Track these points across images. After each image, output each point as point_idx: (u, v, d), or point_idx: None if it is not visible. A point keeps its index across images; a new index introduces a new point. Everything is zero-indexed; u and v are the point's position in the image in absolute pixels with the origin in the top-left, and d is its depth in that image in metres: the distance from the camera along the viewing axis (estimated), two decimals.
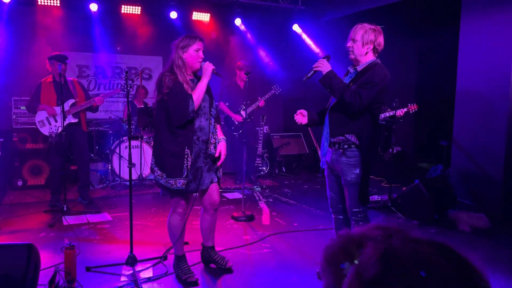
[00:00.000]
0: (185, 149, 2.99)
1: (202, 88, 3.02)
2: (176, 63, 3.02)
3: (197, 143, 3.04)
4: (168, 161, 3.00)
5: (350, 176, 3.01)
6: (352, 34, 3.05)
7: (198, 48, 3.04)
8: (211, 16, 7.54)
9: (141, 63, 7.84)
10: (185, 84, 2.99)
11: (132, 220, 3.44)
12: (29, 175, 6.12)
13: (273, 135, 7.95)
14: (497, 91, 4.77)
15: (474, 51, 5.03)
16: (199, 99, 2.98)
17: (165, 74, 3.02)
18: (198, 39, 3.06)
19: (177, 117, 2.94)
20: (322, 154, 3.24)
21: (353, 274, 0.58)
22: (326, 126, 3.16)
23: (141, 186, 6.34)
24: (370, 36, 2.99)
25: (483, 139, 4.94)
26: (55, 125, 5.15)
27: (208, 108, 3.12)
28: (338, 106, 3.07)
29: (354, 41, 3.03)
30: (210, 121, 3.13)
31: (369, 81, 2.92)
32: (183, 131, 2.99)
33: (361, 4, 6.51)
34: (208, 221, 3.34)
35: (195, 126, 3.03)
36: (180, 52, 3.02)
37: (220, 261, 3.40)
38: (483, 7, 4.91)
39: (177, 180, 2.99)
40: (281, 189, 6.49)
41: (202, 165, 3.08)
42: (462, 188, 5.14)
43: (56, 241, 4.05)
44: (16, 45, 6.70)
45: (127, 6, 6.95)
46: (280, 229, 4.55)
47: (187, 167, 3.00)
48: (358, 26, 3.05)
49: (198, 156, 3.05)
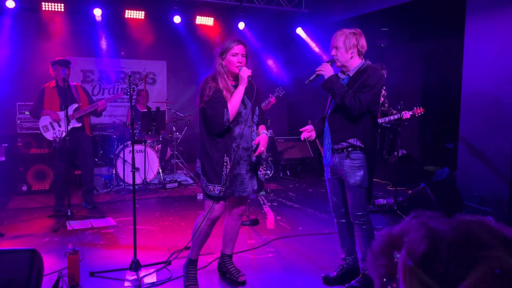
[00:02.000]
0: (224, 156, 2.97)
1: (237, 96, 2.95)
2: (217, 70, 3.01)
3: (236, 150, 3.00)
4: (208, 167, 3.00)
5: (354, 178, 3.00)
6: (333, 41, 3.05)
7: (236, 52, 2.97)
8: (214, 20, 7.54)
9: (145, 68, 7.86)
10: (225, 91, 2.96)
11: (136, 224, 3.43)
12: (33, 180, 6.13)
13: (278, 139, 7.93)
14: (503, 93, 4.72)
15: (480, 53, 4.99)
16: (234, 108, 2.93)
17: (207, 81, 2.99)
18: (236, 43, 2.99)
19: (213, 126, 2.94)
20: (326, 163, 3.21)
21: (405, 257, 0.63)
22: (326, 135, 3.15)
23: (145, 191, 6.33)
24: (352, 41, 2.99)
25: (489, 142, 4.90)
26: (59, 130, 5.15)
27: (249, 115, 3.07)
28: (336, 113, 3.07)
29: (337, 49, 3.03)
30: (252, 128, 3.09)
31: (365, 85, 2.93)
32: (222, 139, 2.97)
33: (364, 7, 6.49)
34: (231, 226, 3.30)
35: (234, 134, 2.99)
36: (220, 58, 3.00)
37: (235, 272, 3.31)
38: (487, 9, 4.88)
39: (216, 187, 2.97)
40: (286, 193, 6.46)
41: (243, 173, 3.05)
42: (469, 191, 5.09)
43: (60, 246, 4.04)
44: (20, 50, 6.74)
45: (130, 11, 6.97)
46: (285, 233, 4.52)
47: (226, 175, 2.98)
48: (338, 33, 3.04)
49: (237, 163, 3.02)
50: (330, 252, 3.97)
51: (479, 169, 5.01)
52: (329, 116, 3.13)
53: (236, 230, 3.32)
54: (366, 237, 3.07)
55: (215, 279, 3.38)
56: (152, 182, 6.57)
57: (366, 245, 3.07)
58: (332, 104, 3.14)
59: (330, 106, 3.15)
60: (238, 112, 2.99)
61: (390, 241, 0.69)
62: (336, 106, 3.07)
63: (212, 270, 3.50)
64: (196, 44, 7.68)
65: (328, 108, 3.18)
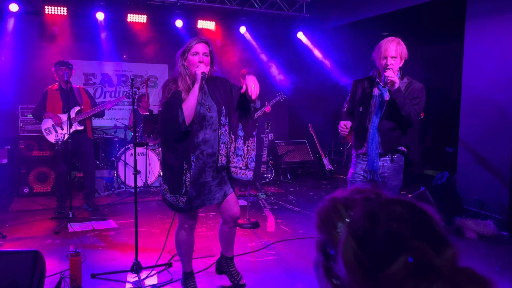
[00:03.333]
0: (183, 164, 2.78)
1: (191, 96, 2.75)
2: (178, 72, 2.86)
3: (200, 157, 2.81)
4: (168, 176, 2.85)
5: (396, 181, 3.09)
6: (391, 51, 2.96)
7: (197, 51, 2.80)
8: (216, 24, 7.59)
9: (147, 71, 7.90)
10: (184, 92, 2.79)
11: (137, 227, 3.45)
12: (35, 182, 6.16)
13: (278, 142, 7.96)
14: (503, 97, 4.75)
15: (479, 58, 5.02)
16: (189, 109, 2.72)
17: (167, 83, 2.88)
18: (196, 41, 2.83)
19: (170, 129, 2.77)
20: (369, 168, 3.13)
21: (347, 233, 0.69)
22: (373, 142, 3.08)
23: (146, 193, 6.36)
24: (404, 50, 2.98)
25: (489, 146, 4.92)
26: (61, 132, 5.19)
27: (216, 117, 2.86)
28: (389, 121, 3.04)
29: (394, 58, 2.97)
30: (219, 132, 2.87)
31: (415, 96, 2.98)
32: (182, 145, 2.79)
33: (365, 12, 6.53)
34: (226, 233, 3.12)
35: (198, 140, 2.80)
36: (182, 60, 2.85)
37: (235, 275, 3.24)
38: (487, 14, 4.91)
39: (178, 198, 2.82)
40: (286, 196, 6.48)
41: (209, 180, 2.86)
42: (469, 195, 5.11)
43: (61, 248, 4.07)
44: (23, 53, 6.78)
45: (133, 15, 7.02)
46: (285, 236, 4.54)
47: (185, 183, 2.80)
48: (394, 41, 2.97)
49: (202, 171, 2.83)
50: None
51: (479, 173, 5.02)
52: (379, 125, 3.07)
53: (232, 235, 3.17)
54: None
55: (215, 281, 3.39)
56: (153, 184, 6.60)
57: None
58: (379, 113, 3.08)
59: (373, 115, 3.09)
60: (202, 116, 2.80)
61: (336, 208, 0.74)
62: (387, 115, 3.04)
63: (212, 273, 3.51)
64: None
65: (369, 117, 3.12)
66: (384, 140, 3.06)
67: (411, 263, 0.61)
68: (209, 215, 5.21)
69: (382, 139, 3.06)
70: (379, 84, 3.10)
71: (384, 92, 3.07)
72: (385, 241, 0.64)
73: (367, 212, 0.68)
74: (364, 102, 3.16)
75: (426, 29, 6.79)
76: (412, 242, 0.63)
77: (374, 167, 3.12)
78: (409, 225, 0.65)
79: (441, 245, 0.64)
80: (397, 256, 0.62)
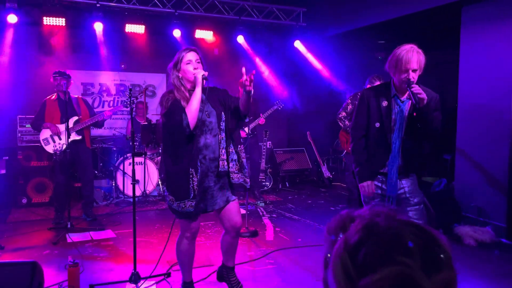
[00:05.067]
0: (189, 169, 2.82)
1: (194, 99, 2.81)
2: (173, 83, 2.91)
3: (203, 162, 2.87)
4: (174, 183, 2.87)
5: (419, 196, 2.90)
6: (413, 63, 2.72)
7: (189, 59, 2.86)
8: (214, 34, 7.63)
9: (145, 80, 7.93)
10: (182, 100, 2.85)
11: (135, 237, 3.44)
12: (33, 193, 6.15)
13: (276, 150, 7.97)
14: (499, 104, 4.78)
15: (475, 65, 5.06)
16: (192, 111, 2.78)
17: (164, 95, 2.92)
18: (186, 51, 2.90)
19: (175, 135, 2.82)
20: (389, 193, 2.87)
21: (341, 241, 0.70)
22: (395, 165, 2.83)
23: (144, 203, 6.35)
24: (424, 59, 2.77)
25: (486, 152, 4.94)
26: (60, 142, 5.19)
27: (215, 123, 2.92)
28: (412, 140, 2.84)
29: (415, 71, 2.75)
30: (219, 137, 2.93)
31: (436, 108, 2.80)
32: (186, 150, 2.83)
33: (362, 21, 6.58)
34: (228, 243, 3.10)
35: (199, 145, 2.86)
36: (175, 71, 2.89)
37: (235, 285, 3.22)
38: (482, 22, 4.96)
39: (186, 202, 2.83)
40: (285, 204, 6.47)
41: (211, 185, 2.91)
42: (467, 202, 5.11)
43: (60, 258, 4.05)
44: (21, 64, 6.80)
45: (131, 25, 7.06)
46: (284, 244, 4.53)
47: (193, 188, 2.83)
48: (414, 51, 2.74)
49: (205, 176, 2.88)
50: None
51: (477, 179, 5.04)
52: (402, 144, 2.83)
53: (235, 246, 3.16)
54: None
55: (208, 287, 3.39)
56: (151, 194, 6.59)
57: None
58: (401, 131, 2.82)
59: (396, 132, 2.83)
60: (202, 121, 2.85)
61: (343, 222, 0.75)
62: (410, 132, 2.82)
63: (212, 282, 3.50)
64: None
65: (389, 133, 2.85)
66: (407, 160, 2.83)
67: (394, 276, 0.61)
68: (207, 224, 5.20)
69: (405, 159, 2.83)
70: (398, 99, 2.86)
71: (403, 107, 2.84)
72: (374, 253, 0.64)
73: (366, 225, 0.69)
74: (382, 118, 2.87)
75: (422, 37, 6.83)
76: (402, 258, 0.63)
77: (393, 192, 2.87)
78: (404, 243, 0.65)
79: (435, 269, 0.64)
80: (383, 267, 0.62)
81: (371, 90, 3.00)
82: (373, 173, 2.93)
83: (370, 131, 2.93)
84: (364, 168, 2.94)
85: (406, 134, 2.83)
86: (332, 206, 6.30)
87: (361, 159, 2.95)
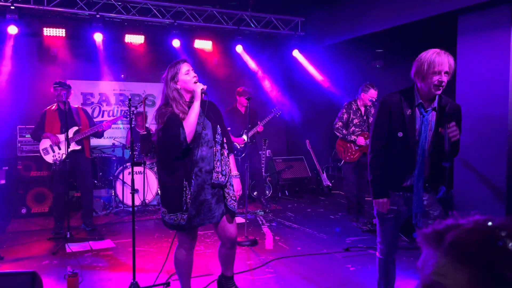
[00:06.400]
0: (183, 181, 2.81)
1: (192, 112, 2.79)
2: (170, 96, 2.86)
3: (199, 174, 2.84)
4: (168, 196, 2.87)
5: (439, 208, 2.72)
6: (445, 65, 2.52)
7: (187, 69, 2.88)
8: (213, 44, 7.69)
9: (145, 90, 7.96)
10: (182, 114, 2.82)
11: (135, 246, 3.44)
12: (33, 203, 6.15)
13: (276, 159, 7.98)
14: (496, 111, 4.81)
15: (472, 73, 5.10)
16: (191, 125, 2.77)
17: (161, 108, 2.88)
18: (181, 62, 2.90)
19: (172, 149, 2.80)
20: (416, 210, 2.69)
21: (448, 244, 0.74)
22: (421, 179, 2.66)
23: (144, 212, 6.34)
24: (453, 64, 2.57)
25: (484, 160, 4.95)
26: (59, 152, 5.21)
27: (211, 135, 2.92)
28: (437, 153, 2.68)
29: (447, 74, 2.55)
30: (214, 149, 2.92)
31: (460, 119, 2.65)
32: (181, 163, 2.82)
33: (360, 30, 6.64)
34: (225, 255, 3.13)
35: (196, 157, 2.84)
36: (172, 84, 2.86)
37: None
38: (478, 30, 5.01)
39: (178, 215, 2.83)
40: (284, 213, 6.47)
41: (208, 198, 2.88)
42: (466, 210, 5.08)
43: (59, 268, 4.05)
44: (21, 74, 6.84)
45: (130, 35, 7.13)
46: (284, 253, 4.52)
47: (186, 201, 2.82)
48: (445, 53, 2.56)
49: (201, 189, 2.85)
50: (329, 272, 3.97)
51: (476, 187, 5.05)
52: (428, 157, 2.69)
53: (231, 256, 3.17)
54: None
55: None
56: (151, 203, 6.59)
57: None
58: (426, 142, 2.65)
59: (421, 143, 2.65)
60: (197, 134, 2.84)
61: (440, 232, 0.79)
62: (435, 145, 2.65)
63: None
64: (194, 67, 7.65)
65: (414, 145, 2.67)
66: (433, 173, 2.70)
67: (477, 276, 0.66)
68: (207, 233, 5.19)
69: (431, 173, 2.70)
70: (422, 107, 2.68)
71: (427, 116, 2.66)
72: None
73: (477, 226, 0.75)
74: (406, 127, 2.67)
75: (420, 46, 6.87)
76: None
77: (420, 208, 2.67)
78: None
79: None
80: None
81: (393, 96, 2.76)
82: (395, 188, 2.75)
83: (391, 141, 2.73)
84: (380, 183, 2.75)
85: (433, 147, 2.66)
86: (331, 215, 6.30)
87: (378, 173, 2.76)
